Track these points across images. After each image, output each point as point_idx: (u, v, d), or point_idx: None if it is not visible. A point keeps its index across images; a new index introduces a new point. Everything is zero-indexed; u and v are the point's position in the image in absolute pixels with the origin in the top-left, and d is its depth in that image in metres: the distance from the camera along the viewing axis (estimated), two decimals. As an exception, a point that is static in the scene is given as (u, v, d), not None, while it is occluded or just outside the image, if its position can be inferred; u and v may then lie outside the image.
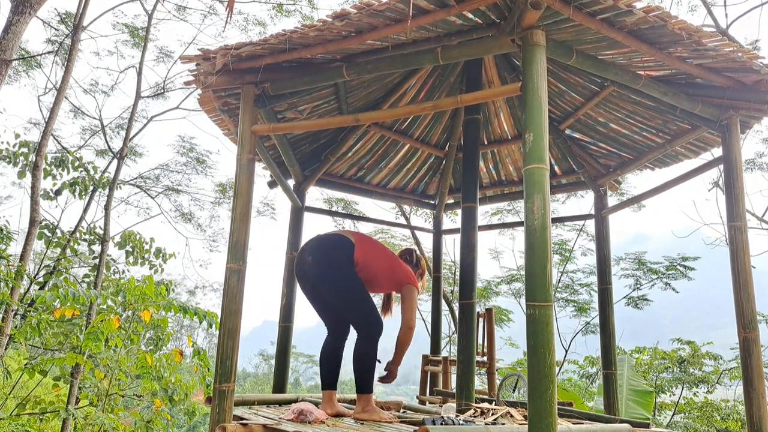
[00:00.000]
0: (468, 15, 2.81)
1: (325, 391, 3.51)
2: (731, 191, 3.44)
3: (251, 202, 3.32)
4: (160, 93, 11.41)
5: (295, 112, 4.24)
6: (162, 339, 6.91)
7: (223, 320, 3.11)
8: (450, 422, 2.85)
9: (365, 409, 3.31)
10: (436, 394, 5.59)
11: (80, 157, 8.25)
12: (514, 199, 6.46)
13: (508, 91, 2.83)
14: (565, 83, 4.43)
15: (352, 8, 2.76)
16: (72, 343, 6.96)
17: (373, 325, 3.39)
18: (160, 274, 8.35)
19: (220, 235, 13.07)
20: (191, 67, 3.34)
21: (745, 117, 3.60)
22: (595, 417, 3.83)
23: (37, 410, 6.63)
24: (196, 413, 6.96)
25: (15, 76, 10.80)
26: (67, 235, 8.29)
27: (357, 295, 3.41)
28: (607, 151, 4.95)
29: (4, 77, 6.07)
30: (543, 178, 2.54)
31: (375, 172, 5.62)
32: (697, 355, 11.14)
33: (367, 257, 3.48)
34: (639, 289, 11.24)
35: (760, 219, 9.46)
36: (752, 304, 3.31)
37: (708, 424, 10.31)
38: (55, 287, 6.18)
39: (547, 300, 2.41)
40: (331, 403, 3.46)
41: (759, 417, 3.19)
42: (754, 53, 3.09)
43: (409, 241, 12.60)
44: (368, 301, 3.43)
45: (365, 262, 3.46)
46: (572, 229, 11.81)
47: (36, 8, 6.25)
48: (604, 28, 2.76)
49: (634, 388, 7.44)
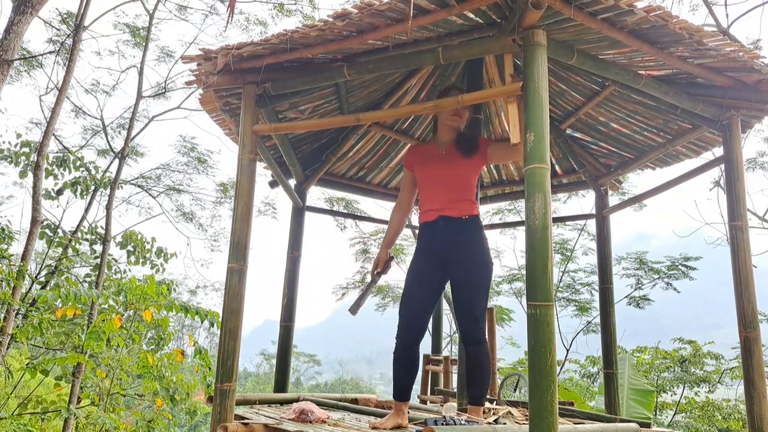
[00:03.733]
0: (469, 15, 2.81)
1: (405, 401, 3.19)
2: (732, 190, 3.44)
3: (252, 201, 3.32)
4: (162, 93, 11.41)
5: (296, 111, 4.25)
6: (163, 338, 6.93)
7: (224, 320, 3.11)
8: (452, 422, 2.85)
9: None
10: (437, 393, 5.59)
11: (82, 156, 8.26)
12: (515, 199, 6.46)
13: (509, 91, 2.83)
14: (566, 83, 4.43)
15: (353, 8, 2.76)
16: (73, 343, 6.97)
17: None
18: (161, 273, 8.37)
19: (222, 235, 13.09)
20: (192, 67, 3.34)
21: (746, 116, 3.59)
22: (596, 416, 3.83)
23: (38, 410, 6.65)
24: (197, 413, 6.96)
25: (16, 76, 10.81)
26: (69, 235, 8.30)
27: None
28: (608, 151, 4.95)
29: (6, 77, 6.08)
30: (544, 177, 2.54)
31: (376, 172, 5.62)
32: (699, 354, 11.15)
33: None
34: (640, 289, 11.24)
35: (762, 218, 9.46)
36: (753, 303, 3.31)
37: (709, 424, 10.31)
38: (56, 287, 6.18)
39: (548, 299, 2.41)
40: (405, 415, 3.16)
41: (760, 416, 3.19)
42: (755, 53, 3.09)
43: (410, 240, 12.60)
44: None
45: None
46: (573, 228, 11.81)
47: (37, 8, 6.26)
48: (605, 27, 2.76)
49: (636, 388, 7.44)
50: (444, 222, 3.27)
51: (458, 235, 3.24)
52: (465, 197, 3.31)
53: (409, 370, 3.20)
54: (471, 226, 3.27)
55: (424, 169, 3.43)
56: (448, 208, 3.28)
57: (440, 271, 3.27)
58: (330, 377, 46.50)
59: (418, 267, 3.33)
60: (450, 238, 3.25)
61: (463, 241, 3.23)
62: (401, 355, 3.18)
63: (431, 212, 3.33)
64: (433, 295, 3.29)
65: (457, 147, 3.37)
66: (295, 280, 4.83)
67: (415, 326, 3.21)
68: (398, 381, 3.17)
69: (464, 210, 3.27)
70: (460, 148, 3.36)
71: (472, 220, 3.29)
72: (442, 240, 3.26)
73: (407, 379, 3.19)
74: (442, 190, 3.32)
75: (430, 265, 3.29)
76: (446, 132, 3.43)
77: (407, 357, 3.19)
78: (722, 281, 26.63)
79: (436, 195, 3.33)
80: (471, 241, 3.24)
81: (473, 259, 3.22)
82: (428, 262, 3.30)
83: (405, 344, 3.19)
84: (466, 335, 3.19)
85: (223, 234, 13.10)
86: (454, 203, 3.28)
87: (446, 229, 3.26)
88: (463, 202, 3.29)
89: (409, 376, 3.20)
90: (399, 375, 3.18)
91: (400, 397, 3.16)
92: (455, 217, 3.26)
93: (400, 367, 3.18)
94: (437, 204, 3.31)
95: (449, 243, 3.24)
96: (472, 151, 3.33)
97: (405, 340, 3.19)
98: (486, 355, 3.19)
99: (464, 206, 3.28)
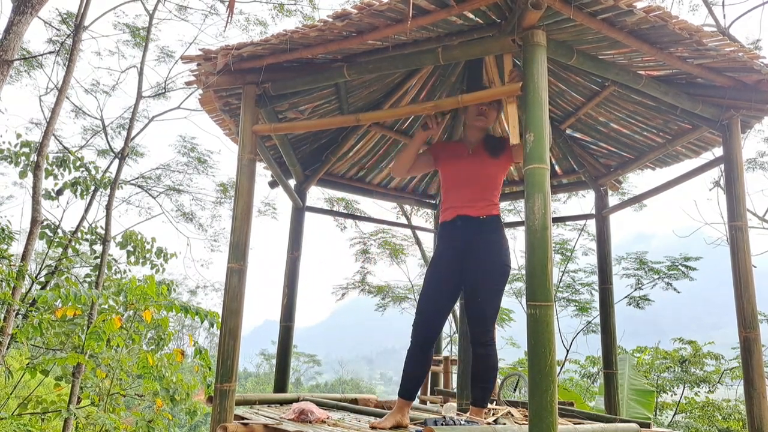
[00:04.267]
0: (468, 15, 2.81)
1: (409, 401, 3.18)
2: (732, 191, 3.44)
3: (252, 201, 3.32)
4: (162, 93, 11.42)
5: (296, 112, 4.25)
6: (163, 339, 6.93)
7: (224, 320, 3.11)
8: (452, 422, 2.85)
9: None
10: (437, 393, 5.60)
11: (82, 157, 8.26)
12: (515, 199, 6.46)
13: (509, 91, 2.83)
14: (566, 83, 4.43)
15: (352, 8, 2.76)
16: (73, 343, 6.97)
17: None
18: (161, 273, 8.36)
19: (222, 235, 13.09)
20: (192, 67, 3.34)
21: (746, 117, 3.59)
22: (596, 417, 3.83)
23: (38, 410, 6.65)
24: (197, 413, 6.97)
25: (16, 76, 10.81)
26: (69, 235, 8.30)
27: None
28: (607, 151, 4.95)
29: (6, 77, 6.08)
30: (544, 178, 2.54)
31: (376, 172, 5.62)
32: (699, 354, 11.14)
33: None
34: (640, 289, 11.23)
35: (761, 218, 9.46)
36: (753, 303, 3.31)
37: (709, 424, 10.31)
38: (56, 287, 6.19)
39: (547, 300, 2.41)
40: (406, 415, 3.17)
41: (760, 416, 3.19)
42: (754, 53, 3.09)
43: (410, 240, 12.61)
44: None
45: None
46: (573, 228, 11.81)
47: (37, 8, 6.26)
48: (604, 28, 2.76)
49: (636, 388, 7.44)
50: (462, 221, 3.25)
51: (477, 234, 3.23)
52: (487, 197, 3.29)
53: (420, 370, 3.19)
54: (490, 226, 3.25)
55: (450, 166, 3.40)
56: (468, 207, 3.26)
57: (458, 273, 3.25)
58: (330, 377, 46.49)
59: (437, 268, 3.32)
60: (468, 237, 3.23)
61: (482, 240, 3.22)
62: (414, 354, 3.18)
63: (450, 210, 3.32)
64: (450, 297, 3.28)
65: (484, 147, 3.37)
66: (295, 280, 4.83)
67: (431, 327, 3.20)
68: (407, 379, 3.16)
69: (484, 209, 3.26)
70: (487, 148, 3.35)
71: (492, 219, 3.27)
72: (460, 240, 3.25)
73: (417, 378, 3.19)
74: (465, 189, 3.30)
75: (448, 267, 3.27)
76: (473, 132, 3.43)
77: (420, 357, 3.18)
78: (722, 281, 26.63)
79: (459, 194, 3.31)
80: (490, 241, 3.22)
81: (490, 259, 3.20)
82: (446, 263, 3.29)
83: (419, 344, 3.18)
84: (475, 337, 3.17)
85: (223, 234, 13.11)
86: (474, 202, 3.26)
87: (464, 229, 3.24)
88: (484, 201, 3.28)
89: (419, 376, 3.20)
90: (409, 374, 3.17)
91: (406, 395, 3.15)
92: (474, 217, 3.24)
93: (411, 366, 3.17)
94: (458, 202, 3.29)
95: (467, 243, 3.23)
96: (500, 151, 3.33)
97: (419, 340, 3.18)
98: (494, 358, 3.17)
99: (484, 206, 3.27)
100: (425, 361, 3.20)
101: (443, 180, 3.44)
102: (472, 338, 3.19)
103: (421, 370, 3.19)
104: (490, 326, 3.15)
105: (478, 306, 3.16)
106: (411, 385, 3.16)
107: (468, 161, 3.35)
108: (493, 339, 3.18)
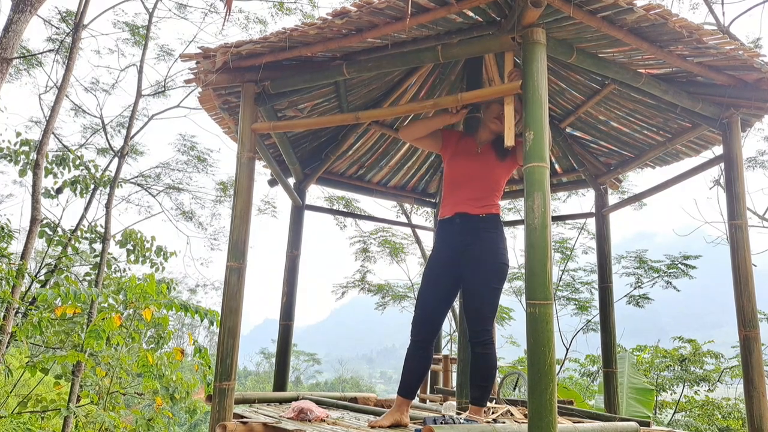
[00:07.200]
0: (468, 13, 2.81)
1: (409, 399, 3.18)
2: (732, 189, 3.44)
3: (252, 200, 3.32)
4: (161, 91, 11.41)
5: (296, 110, 4.24)
6: (163, 337, 6.93)
7: (223, 318, 3.11)
8: (451, 421, 2.85)
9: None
10: (436, 392, 5.60)
11: (81, 155, 8.27)
12: (515, 198, 6.45)
13: (509, 89, 2.82)
14: (566, 81, 4.43)
15: (352, 6, 2.75)
16: (73, 342, 6.98)
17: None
18: (161, 272, 8.37)
19: (221, 234, 13.09)
20: (192, 66, 3.34)
21: (746, 115, 3.59)
22: (595, 415, 3.83)
23: (38, 408, 6.65)
24: (197, 411, 6.97)
25: (16, 74, 10.81)
26: (69, 234, 8.30)
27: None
28: (607, 150, 4.95)
29: (5, 76, 6.07)
30: (543, 176, 2.54)
31: (375, 171, 5.61)
32: (698, 353, 11.14)
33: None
34: (640, 288, 11.23)
35: (761, 217, 9.45)
36: (753, 302, 3.31)
37: (709, 423, 10.31)
38: (56, 285, 6.19)
39: (547, 298, 2.41)
40: (406, 413, 3.15)
41: (759, 415, 3.19)
42: (755, 51, 3.08)
43: (410, 239, 12.61)
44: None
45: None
46: (573, 227, 11.81)
47: (37, 7, 6.26)
48: (604, 26, 2.75)
49: (635, 387, 7.45)
50: (461, 219, 3.25)
51: (475, 232, 3.22)
52: (488, 197, 3.29)
53: (420, 368, 3.19)
54: (489, 224, 3.24)
55: (456, 162, 3.39)
56: (468, 204, 3.25)
57: (456, 270, 3.25)
58: (330, 376, 46.50)
59: (434, 266, 3.32)
60: (466, 235, 3.22)
61: (480, 238, 3.21)
62: (413, 352, 3.18)
63: (450, 206, 3.31)
64: (448, 295, 3.28)
65: (493, 148, 3.37)
66: (294, 278, 4.82)
67: (429, 325, 3.20)
68: (407, 377, 3.16)
69: (484, 208, 3.25)
70: (495, 150, 3.35)
71: (491, 218, 3.26)
72: (457, 237, 3.24)
73: (416, 376, 3.18)
74: (468, 187, 3.29)
75: (446, 264, 3.27)
76: (486, 132, 3.41)
77: (419, 355, 3.18)
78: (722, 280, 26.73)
79: (461, 191, 3.30)
80: (488, 239, 3.21)
81: (488, 257, 3.19)
82: (444, 261, 3.28)
83: (418, 343, 3.18)
84: (473, 336, 3.16)
85: (222, 233, 13.12)
86: (475, 201, 3.26)
87: (462, 226, 3.24)
88: (485, 200, 3.27)
89: (419, 374, 3.20)
90: (408, 371, 3.17)
91: (406, 393, 3.15)
92: (472, 214, 3.24)
93: (410, 364, 3.17)
94: (459, 199, 3.29)
95: (464, 241, 3.22)
96: (507, 154, 3.33)
97: (418, 338, 3.18)
98: (493, 357, 3.16)
99: (484, 204, 3.26)
100: (425, 359, 3.20)
101: (447, 175, 3.43)
102: (470, 337, 3.19)
103: (420, 368, 3.19)
104: (489, 325, 3.15)
105: (477, 304, 3.15)
106: (411, 383, 3.16)
107: (475, 160, 3.35)
108: (492, 337, 3.17)
